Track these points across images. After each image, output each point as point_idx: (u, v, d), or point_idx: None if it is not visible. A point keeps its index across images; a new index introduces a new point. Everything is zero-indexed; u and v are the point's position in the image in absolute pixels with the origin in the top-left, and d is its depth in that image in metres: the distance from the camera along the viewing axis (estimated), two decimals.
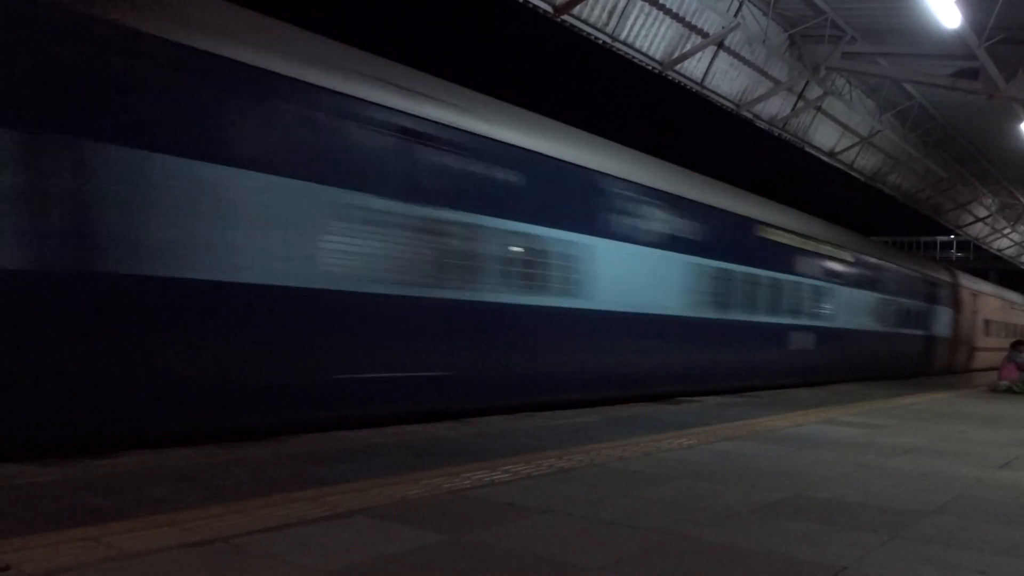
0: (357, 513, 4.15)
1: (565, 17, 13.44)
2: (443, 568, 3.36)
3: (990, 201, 33.32)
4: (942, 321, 25.42)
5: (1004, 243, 41.15)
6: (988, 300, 29.85)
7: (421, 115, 8.38)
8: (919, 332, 23.62)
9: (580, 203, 10.68)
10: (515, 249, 9.65)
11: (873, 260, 20.62)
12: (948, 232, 42.85)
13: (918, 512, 4.74)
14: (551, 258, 10.04)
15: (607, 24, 14.30)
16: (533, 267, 9.85)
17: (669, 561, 3.59)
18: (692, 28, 15.42)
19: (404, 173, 8.22)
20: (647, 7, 14.54)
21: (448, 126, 8.68)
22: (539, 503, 4.57)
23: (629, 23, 14.62)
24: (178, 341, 6.44)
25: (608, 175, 11.17)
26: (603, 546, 3.78)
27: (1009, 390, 16.45)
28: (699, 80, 16.96)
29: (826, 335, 17.56)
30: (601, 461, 6.06)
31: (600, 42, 14.46)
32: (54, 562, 3.16)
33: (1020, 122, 18.50)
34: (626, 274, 11.33)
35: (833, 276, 18.06)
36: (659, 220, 12.20)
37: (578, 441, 7.06)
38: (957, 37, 13.99)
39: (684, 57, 15.91)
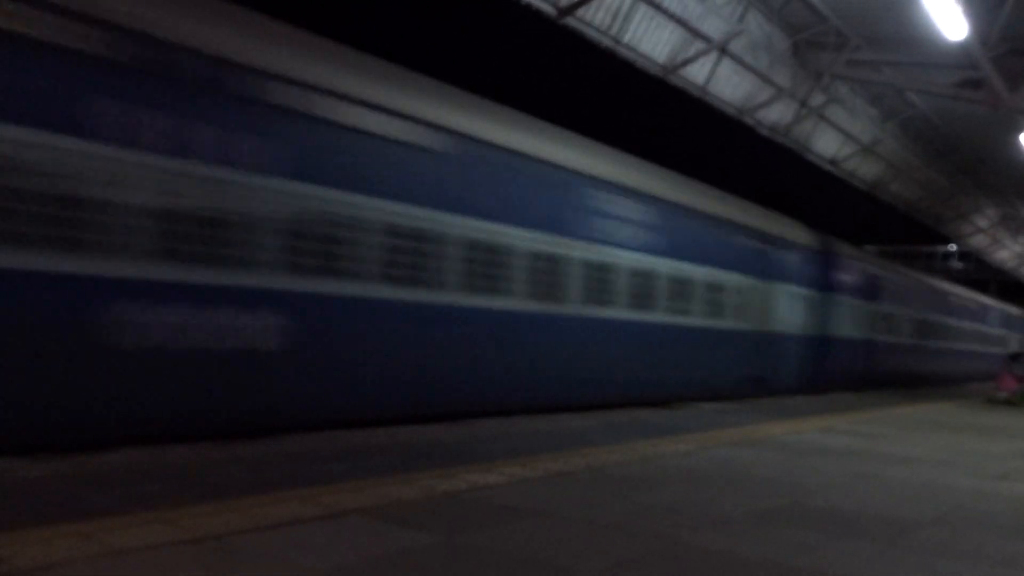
0: (352, 513, 4.13)
1: (568, 20, 13.43)
2: (437, 570, 3.34)
3: (991, 212, 33.32)
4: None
5: (1005, 254, 41.13)
6: None
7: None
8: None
9: None
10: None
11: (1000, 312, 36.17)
12: (948, 242, 42.82)
13: (915, 522, 4.72)
14: None
15: (610, 27, 14.29)
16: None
17: (665, 566, 3.57)
18: (695, 33, 15.41)
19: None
20: (650, 11, 14.53)
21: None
22: (535, 506, 4.56)
23: (632, 27, 14.60)
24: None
25: None
26: (599, 550, 3.76)
27: (1007, 401, 16.44)
28: (701, 85, 16.95)
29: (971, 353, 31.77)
30: (598, 465, 6.04)
31: (603, 45, 14.45)
32: (46, 557, 3.14)
33: (1023, 133, 18.50)
34: None
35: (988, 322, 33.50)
36: None
37: (575, 445, 7.04)
38: (961, 47, 13.98)
39: (687, 62, 15.90)
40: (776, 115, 19.34)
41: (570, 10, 13.24)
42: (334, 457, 5.87)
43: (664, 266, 12.37)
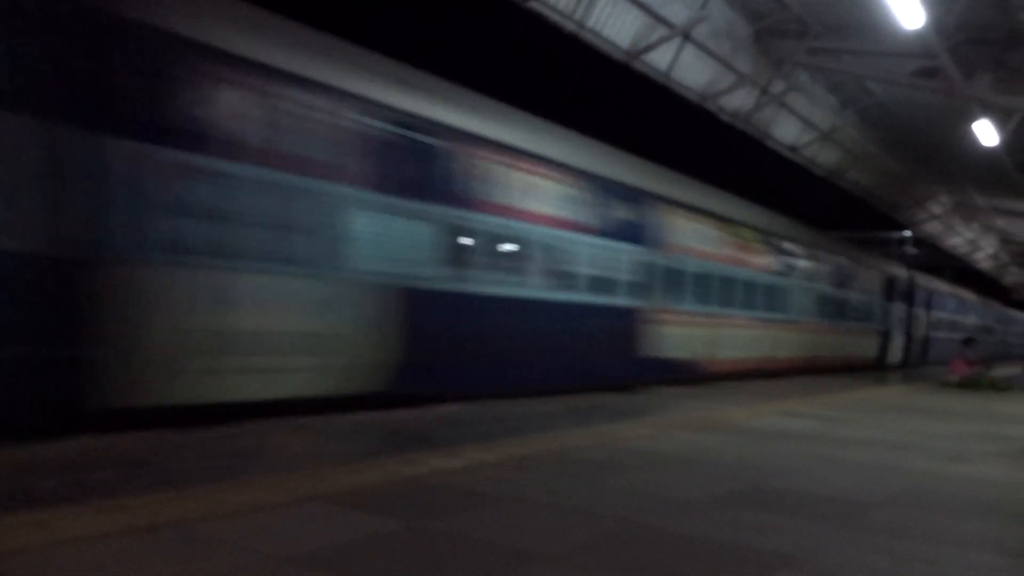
0: (314, 499, 4.10)
1: (532, 3, 13.36)
2: (401, 555, 3.33)
3: (945, 199, 33.97)
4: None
5: (958, 240, 42.01)
6: None
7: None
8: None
9: None
10: None
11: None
12: (904, 228, 43.62)
13: (870, 503, 4.81)
14: None
15: (574, 12, 14.26)
16: None
17: (627, 550, 3.59)
18: (658, 19, 15.43)
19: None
20: None
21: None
22: (498, 491, 4.56)
23: (596, 11, 14.58)
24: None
25: None
26: (562, 534, 3.78)
27: (960, 385, 16.84)
28: (665, 71, 17.00)
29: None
30: (561, 450, 6.06)
31: (567, 30, 14.41)
32: None
33: (976, 122, 18.84)
34: None
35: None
36: None
37: (538, 430, 7.06)
38: (918, 36, 14.18)
39: (650, 47, 15.93)
40: (738, 102, 19.47)
41: None
42: (295, 442, 5.82)
43: None
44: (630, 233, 12.59)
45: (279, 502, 3.99)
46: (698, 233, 14.84)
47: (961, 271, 47.52)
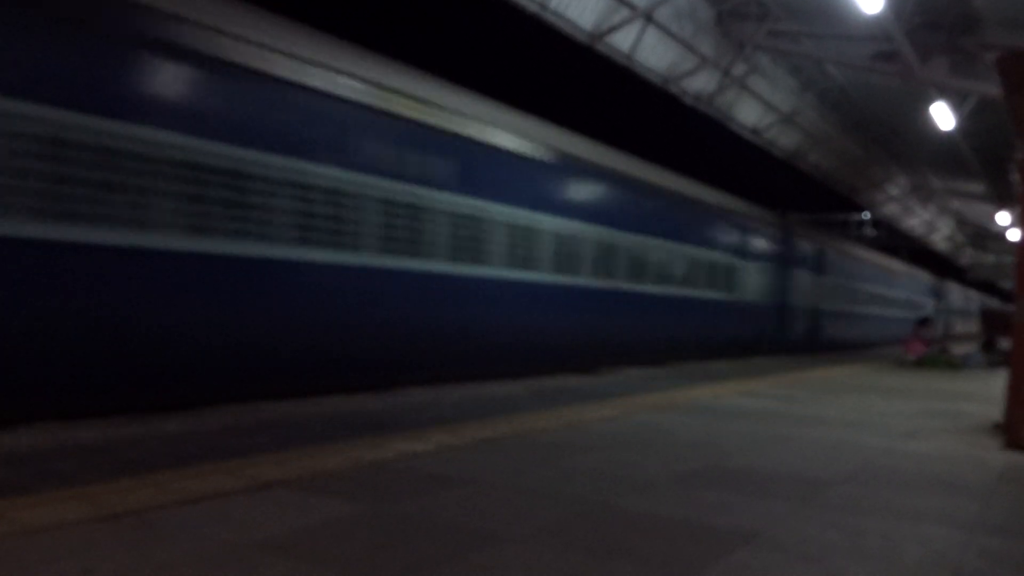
0: (276, 485, 4.08)
1: None
2: (364, 539, 3.34)
3: (903, 181, 34.56)
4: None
5: (915, 222, 42.81)
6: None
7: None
8: None
9: None
10: None
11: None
12: (863, 210, 44.32)
13: (828, 481, 4.91)
14: None
15: None
16: None
17: (590, 530, 3.63)
18: (621, 0, 15.44)
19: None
20: None
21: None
22: (462, 474, 4.58)
23: None
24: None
25: None
26: (526, 516, 3.80)
27: (917, 363, 17.20)
28: (627, 53, 17.02)
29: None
30: (524, 432, 6.10)
31: (529, 11, 14.35)
32: None
33: (932, 105, 19.15)
34: None
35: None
36: None
37: (502, 412, 7.09)
38: (877, 20, 14.36)
39: (612, 29, 15.93)
40: (700, 84, 19.57)
41: None
42: (257, 429, 5.78)
43: None
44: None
45: (240, 489, 3.97)
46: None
47: (918, 252, 48.45)
